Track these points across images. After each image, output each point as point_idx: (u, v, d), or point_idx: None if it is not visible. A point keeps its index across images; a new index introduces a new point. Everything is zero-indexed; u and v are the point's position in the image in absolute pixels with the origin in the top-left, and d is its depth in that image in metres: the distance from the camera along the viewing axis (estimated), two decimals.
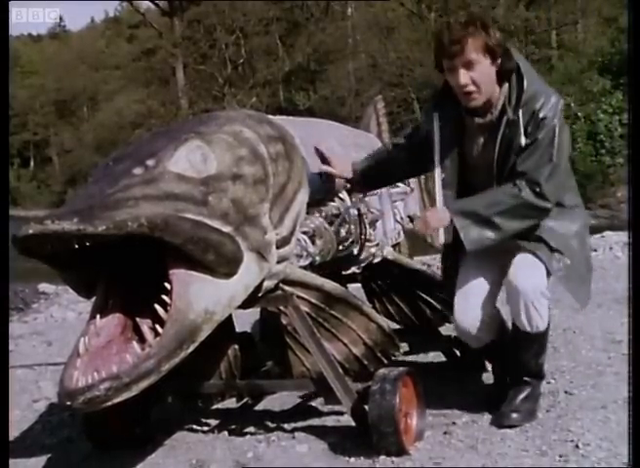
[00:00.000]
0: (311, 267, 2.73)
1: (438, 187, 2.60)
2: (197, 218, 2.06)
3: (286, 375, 2.76)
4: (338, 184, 2.89)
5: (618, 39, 20.20)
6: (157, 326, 2.03)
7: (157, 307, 2.04)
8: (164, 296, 2.04)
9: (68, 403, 1.92)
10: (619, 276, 5.27)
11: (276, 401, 3.08)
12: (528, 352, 2.61)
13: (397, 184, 3.40)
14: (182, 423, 2.91)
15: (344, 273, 3.15)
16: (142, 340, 2.05)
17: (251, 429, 2.80)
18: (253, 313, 2.92)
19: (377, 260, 3.31)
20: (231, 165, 2.25)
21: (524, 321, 2.52)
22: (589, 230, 2.77)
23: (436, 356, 3.55)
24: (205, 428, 2.88)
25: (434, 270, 4.57)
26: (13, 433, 2.95)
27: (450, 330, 3.10)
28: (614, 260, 6.44)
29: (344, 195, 2.94)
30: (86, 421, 2.64)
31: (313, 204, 2.76)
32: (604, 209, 17.29)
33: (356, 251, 3.05)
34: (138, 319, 2.12)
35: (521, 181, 2.46)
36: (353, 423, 2.52)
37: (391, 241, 3.56)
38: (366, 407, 2.41)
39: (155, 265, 2.09)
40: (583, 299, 2.64)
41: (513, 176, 2.49)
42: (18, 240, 1.90)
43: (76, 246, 1.90)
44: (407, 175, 3.18)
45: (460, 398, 2.83)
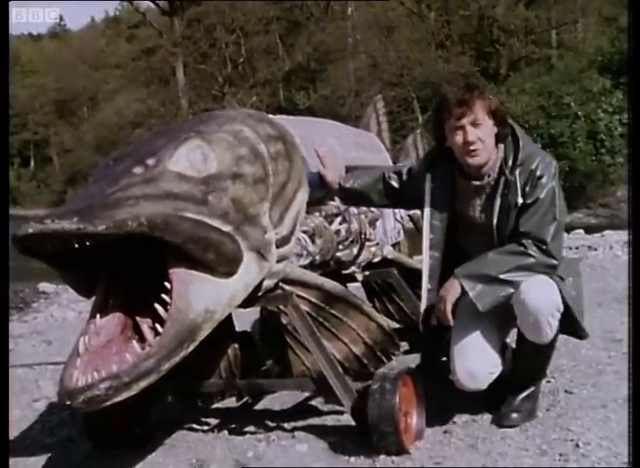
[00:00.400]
0: (311, 266, 2.73)
1: (426, 248, 2.62)
2: (197, 218, 2.06)
3: (286, 375, 2.76)
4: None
5: (618, 38, 20.22)
6: (157, 325, 2.03)
7: (157, 306, 2.04)
8: (164, 296, 2.04)
9: (68, 402, 1.92)
10: (618, 275, 5.27)
11: (276, 400, 3.08)
12: (535, 360, 2.61)
13: None
14: (182, 422, 2.91)
15: (344, 272, 3.15)
16: (142, 340, 2.05)
17: (251, 428, 2.80)
18: (253, 312, 2.92)
19: (376, 259, 3.32)
20: (231, 164, 2.25)
21: (536, 336, 2.50)
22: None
23: None
24: (205, 427, 2.88)
25: None
26: (13, 432, 2.95)
27: None
28: (614, 259, 6.45)
29: None
30: (86, 421, 2.64)
31: (313, 203, 2.76)
32: (604, 208, 17.23)
33: (356, 250, 3.06)
34: (138, 318, 2.12)
35: (527, 240, 2.47)
36: (353, 422, 2.52)
37: (391, 240, 3.56)
38: (366, 406, 2.40)
39: (155, 264, 2.08)
40: (584, 332, 2.66)
41: (517, 236, 2.50)
42: (18, 239, 1.90)
43: (76, 245, 1.90)
44: (387, 207, 3.21)
45: (460, 397, 2.82)
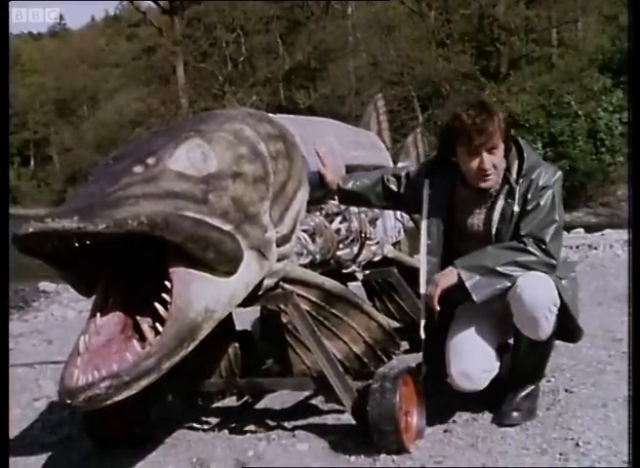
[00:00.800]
0: (311, 265, 2.73)
1: (423, 254, 2.62)
2: (197, 217, 2.06)
3: (286, 374, 2.76)
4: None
5: (618, 37, 20.21)
6: (157, 324, 2.02)
7: (157, 306, 2.03)
8: (164, 295, 2.03)
9: (69, 401, 1.92)
10: (619, 274, 5.27)
11: (276, 399, 3.08)
12: (533, 357, 2.61)
13: None
14: (183, 422, 2.91)
15: (345, 271, 3.15)
16: (143, 339, 2.05)
17: (251, 427, 2.80)
18: (253, 311, 2.92)
19: (377, 258, 3.32)
20: (231, 163, 2.25)
21: (533, 332, 2.50)
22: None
23: None
24: (205, 426, 2.88)
25: None
26: (13, 431, 2.95)
27: None
28: (614, 258, 6.45)
29: None
30: (86, 420, 2.64)
31: (313, 202, 2.76)
32: (604, 207, 17.23)
33: (356, 249, 3.05)
34: (138, 317, 2.11)
35: (527, 239, 2.49)
36: (354, 422, 2.52)
37: (392, 239, 3.56)
38: (366, 405, 2.40)
39: (155, 264, 2.08)
40: (579, 333, 2.67)
41: (517, 239, 2.52)
42: (18, 238, 1.89)
43: (76, 244, 1.90)
44: (385, 209, 3.24)
45: (461, 396, 2.82)
